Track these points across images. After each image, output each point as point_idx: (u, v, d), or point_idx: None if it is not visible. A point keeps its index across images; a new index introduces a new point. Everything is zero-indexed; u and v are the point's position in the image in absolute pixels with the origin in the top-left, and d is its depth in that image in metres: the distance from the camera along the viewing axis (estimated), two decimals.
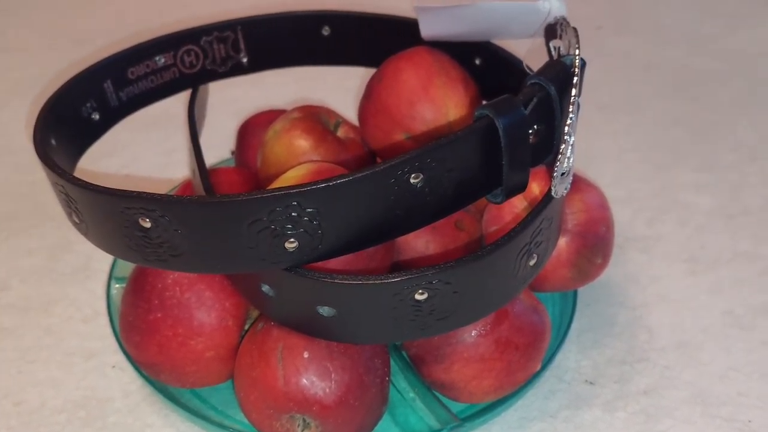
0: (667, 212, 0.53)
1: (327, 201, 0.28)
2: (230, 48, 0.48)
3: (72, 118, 0.41)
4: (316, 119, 0.44)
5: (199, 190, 0.38)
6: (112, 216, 0.30)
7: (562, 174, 0.31)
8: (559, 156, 0.31)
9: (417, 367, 0.38)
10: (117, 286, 0.44)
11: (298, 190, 0.28)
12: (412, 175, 0.29)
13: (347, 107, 0.54)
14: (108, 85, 0.43)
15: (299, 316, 0.32)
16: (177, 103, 0.50)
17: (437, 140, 0.29)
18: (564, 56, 0.33)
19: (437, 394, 0.38)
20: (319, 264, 0.32)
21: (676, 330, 0.44)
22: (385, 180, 0.29)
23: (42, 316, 0.45)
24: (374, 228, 0.30)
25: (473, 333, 0.36)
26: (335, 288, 0.30)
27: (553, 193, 0.32)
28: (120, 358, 0.42)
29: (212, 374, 0.37)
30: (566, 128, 0.31)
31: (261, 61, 0.50)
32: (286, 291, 0.32)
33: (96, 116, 0.43)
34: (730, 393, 0.40)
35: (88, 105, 0.42)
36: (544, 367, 0.38)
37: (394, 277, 0.30)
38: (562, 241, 0.39)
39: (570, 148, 0.31)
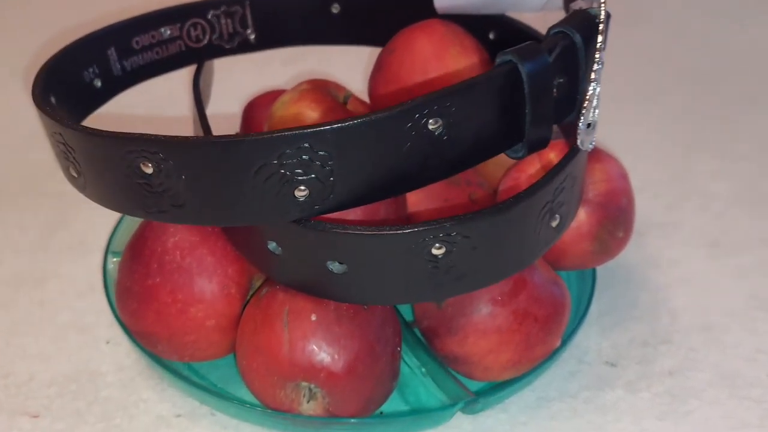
0: (685, 199, 0.52)
1: (341, 144, 0.27)
2: (238, 23, 0.47)
3: (73, 81, 0.40)
4: (325, 91, 0.42)
5: None
6: (113, 162, 0.29)
7: (588, 125, 0.30)
8: (585, 104, 0.29)
9: (429, 341, 0.36)
10: (114, 260, 0.42)
11: (310, 130, 0.26)
12: (430, 120, 0.28)
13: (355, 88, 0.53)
14: (112, 52, 0.42)
15: (307, 274, 0.31)
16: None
17: (457, 84, 0.28)
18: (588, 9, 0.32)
19: (450, 370, 0.36)
20: (327, 217, 0.30)
21: (699, 313, 0.42)
22: (402, 123, 0.27)
23: (35, 290, 0.43)
24: (388, 178, 0.28)
25: (489, 302, 0.34)
26: (348, 240, 0.28)
27: (578, 143, 0.30)
28: (114, 332, 0.40)
29: (212, 345, 0.35)
30: (593, 74, 0.29)
31: (268, 39, 0.49)
32: (295, 246, 0.30)
33: (98, 83, 0.41)
34: (759, 375, 0.38)
35: (90, 70, 0.41)
36: (563, 346, 0.36)
37: (410, 228, 0.28)
38: (582, 212, 0.37)
39: (596, 98, 0.30)
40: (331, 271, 0.30)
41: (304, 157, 0.27)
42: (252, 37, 0.48)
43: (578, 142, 0.30)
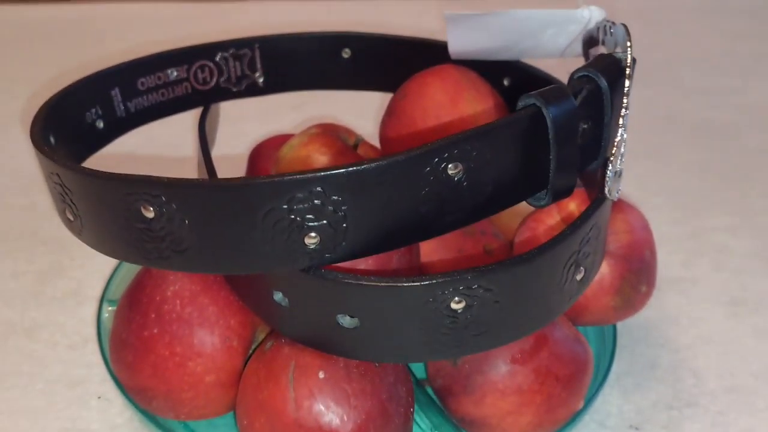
0: (702, 255, 0.50)
1: (355, 188, 0.25)
2: (246, 66, 0.46)
3: (74, 121, 0.38)
4: (335, 135, 0.41)
5: None
6: (112, 204, 0.27)
7: (616, 173, 0.28)
8: (614, 150, 0.28)
9: (443, 401, 0.34)
10: (109, 308, 0.40)
11: (323, 173, 0.25)
12: (450, 165, 0.26)
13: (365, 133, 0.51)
14: (116, 92, 0.41)
15: (316, 328, 0.29)
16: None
17: (479, 127, 0.26)
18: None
19: None
20: (337, 266, 0.28)
21: (724, 374, 0.40)
22: (420, 167, 0.26)
23: (25, 340, 0.41)
24: (404, 225, 0.27)
25: (509, 360, 0.32)
26: (360, 291, 0.26)
27: (606, 192, 0.28)
28: (107, 387, 0.38)
29: (211, 403, 0.33)
30: (621, 120, 0.28)
31: (277, 83, 0.47)
32: (303, 297, 0.28)
33: (100, 124, 0.40)
34: None
35: (93, 111, 0.39)
36: (585, 407, 0.34)
37: (428, 279, 0.26)
38: (605, 265, 0.35)
39: (624, 144, 0.28)
40: (341, 325, 0.28)
41: (315, 201, 0.25)
42: (260, 80, 0.47)
43: (606, 190, 0.28)
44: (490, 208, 0.28)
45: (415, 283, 0.26)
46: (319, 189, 0.25)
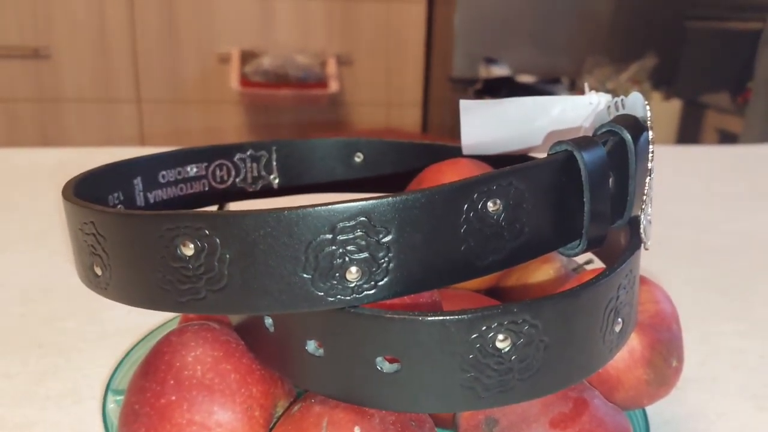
0: (716, 356, 0.49)
1: (399, 218, 0.25)
2: (262, 168, 0.48)
3: (98, 201, 0.38)
4: None
5: None
6: (149, 244, 0.27)
7: (649, 221, 0.29)
8: (644, 198, 0.29)
9: None
10: (116, 398, 0.37)
11: (370, 202, 0.25)
12: (489, 202, 0.27)
13: None
14: (138, 182, 0.42)
15: (352, 377, 0.27)
16: None
17: (517, 165, 0.27)
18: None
19: None
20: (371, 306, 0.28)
21: None
22: (461, 201, 0.26)
23: None
24: (443, 262, 0.27)
25: (548, 425, 0.30)
26: (404, 327, 0.26)
27: (642, 236, 0.29)
28: None
29: None
30: (650, 164, 0.29)
31: (291, 185, 0.49)
32: (340, 340, 0.27)
33: (121, 209, 0.40)
34: None
35: (116, 195, 0.40)
36: None
37: (473, 312, 0.25)
38: (634, 337, 0.35)
39: (652, 192, 0.29)
40: (380, 370, 0.26)
41: (359, 232, 0.25)
42: (275, 182, 0.48)
43: (641, 233, 0.29)
44: (527, 253, 0.29)
45: (461, 317, 0.25)
46: (363, 219, 0.25)
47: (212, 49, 2.04)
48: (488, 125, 0.41)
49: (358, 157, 0.49)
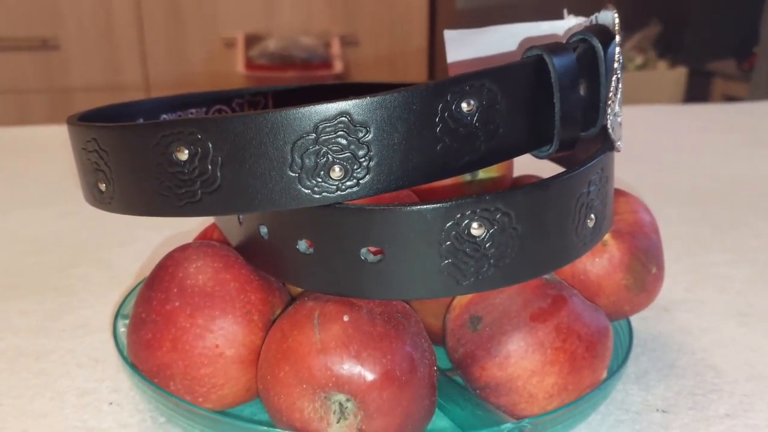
0: (704, 282, 0.51)
1: (377, 116, 0.27)
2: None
3: None
4: None
5: None
6: (146, 152, 0.29)
7: (615, 115, 0.30)
8: (611, 95, 0.30)
9: (466, 372, 0.33)
10: (125, 322, 0.39)
11: (350, 101, 0.27)
12: (463, 103, 0.28)
13: None
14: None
15: (340, 270, 0.29)
16: None
17: (488, 67, 0.29)
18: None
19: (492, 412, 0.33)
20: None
21: (743, 367, 0.39)
22: (434, 101, 0.28)
23: (34, 362, 0.40)
24: (422, 161, 0.28)
25: (529, 319, 0.32)
26: (385, 218, 0.28)
27: (611, 135, 0.30)
28: (118, 396, 0.37)
29: (229, 381, 0.32)
30: (616, 64, 0.30)
31: None
32: (327, 236, 0.29)
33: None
34: None
35: None
36: (609, 377, 0.33)
37: (448, 201, 0.27)
38: (613, 243, 0.36)
39: (620, 92, 0.31)
40: (365, 261, 0.28)
41: (341, 131, 0.27)
42: None
43: (608, 125, 0.30)
44: (501, 154, 0.30)
45: (437, 205, 0.27)
46: (344, 118, 0.27)
47: (217, 34, 2.06)
48: (473, 53, 0.43)
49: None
